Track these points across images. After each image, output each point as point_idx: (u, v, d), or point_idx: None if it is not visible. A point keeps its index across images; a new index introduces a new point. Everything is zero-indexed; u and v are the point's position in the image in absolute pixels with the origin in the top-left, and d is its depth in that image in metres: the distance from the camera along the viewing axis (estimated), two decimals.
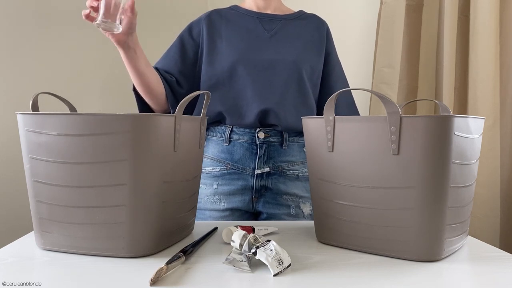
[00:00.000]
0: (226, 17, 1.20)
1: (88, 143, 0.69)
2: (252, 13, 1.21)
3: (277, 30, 1.18)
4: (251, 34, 1.17)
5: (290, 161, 1.15)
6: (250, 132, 1.13)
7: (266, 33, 1.17)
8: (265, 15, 1.21)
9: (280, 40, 1.17)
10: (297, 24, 1.21)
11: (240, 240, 0.69)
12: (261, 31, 1.17)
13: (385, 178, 0.72)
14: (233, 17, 1.20)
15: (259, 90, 1.11)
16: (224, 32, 1.17)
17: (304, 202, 1.15)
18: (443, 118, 0.68)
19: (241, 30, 1.17)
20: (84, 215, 0.71)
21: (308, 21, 1.23)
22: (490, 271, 0.67)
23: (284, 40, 1.17)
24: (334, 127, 0.77)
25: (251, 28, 1.18)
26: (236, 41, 1.15)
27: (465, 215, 0.78)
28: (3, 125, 1.48)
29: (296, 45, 1.17)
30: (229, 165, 1.14)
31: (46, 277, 0.63)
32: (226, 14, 1.21)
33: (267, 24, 1.19)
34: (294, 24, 1.21)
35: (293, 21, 1.21)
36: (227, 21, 1.19)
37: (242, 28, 1.17)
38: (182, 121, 0.77)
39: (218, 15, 1.20)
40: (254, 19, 1.19)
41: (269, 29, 1.18)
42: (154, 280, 0.60)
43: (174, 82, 1.17)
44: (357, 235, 0.76)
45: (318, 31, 1.22)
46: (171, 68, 1.18)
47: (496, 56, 1.46)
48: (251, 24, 1.18)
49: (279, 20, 1.20)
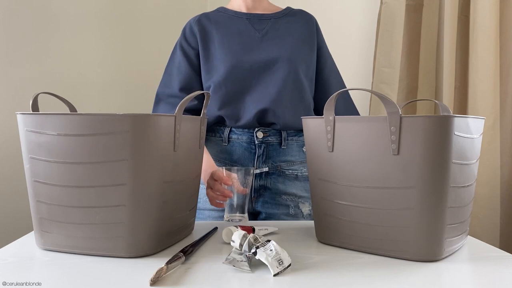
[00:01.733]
0: (216, 20, 1.19)
1: (88, 143, 0.69)
2: (241, 14, 1.21)
3: (268, 29, 1.18)
4: (243, 35, 1.16)
5: (289, 160, 1.15)
6: (248, 132, 1.13)
7: (257, 33, 1.17)
8: (254, 15, 1.20)
9: (272, 39, 1.17)
10: (287, 21, 1.21)
11: (240, 240, 0.69)
12: (252, 31, 1.17)
13: (385, 178, 0.72)
14: (222, 20, 1.20)
15: (255, 90, 1.12)
16: (216, 36, 1.17)
17: (303, 202, 1.15)
18: (443, 118, 0.68)
19: (232, 32, 1.17)
20: (84, 215, 0.71)
21: (296, 17, 1.23)
22: (490, 271, 0.67)
23: (275, 38, 1.17)
24: (334, 127, 0.77)
25: (242, 30, 1.17)
26: (228, 44, 1.15)
27: (465, 215, 0.78)
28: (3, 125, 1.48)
29: (288, 42, 1.17)
30: (228, 165, 1.14)
31: (46, 277, 0.63)
32: (215, 17, 1.21)
33: (256, 24, 1.19)
34: (284, 22, 1.21)
35: (282, 18, 1.21)
36: (217, 24, 1.18)
37: (233, 30, 1.17)
38: (182, 121, 0.77)
39: (207, 20, 1.20)
40: (244, 20, 1.19)
41: (259, 29, 1.18)
42: (154, 280, 0.60)
43: (196, 105, 1.17)
44: (357, 235, 0.76)
45: (307, 26, 1.22)
46: (192, 84, 1.17)
47: (496, 56, 1.46)
48: (241, 26, 1.18)
49: (268, 19, 1.20)
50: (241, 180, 0.91)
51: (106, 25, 1.78)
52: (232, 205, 0.92)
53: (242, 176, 0.91)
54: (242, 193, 0.96)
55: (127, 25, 1.84)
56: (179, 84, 1.17)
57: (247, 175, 0.91)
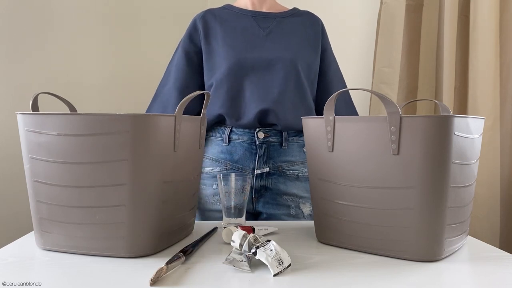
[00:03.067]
0: (221, 17, 1.19)
1: (88, 143, 0.69)
2: (247, 11, 1.20)
3: (273, 28, 1.18)
4: (247, 33, 1.16)
5: (290, 161, 1.15)
6: (249, 132, 1.13)
7: (261, 31, 1.17)
8: (260, 13, 1.20)
9: (276, 38, 1.16)
10: (292, 22, 1.21)
11: (240, 240, 0.69)
12: (257, 29, 1.17)
13: (385, 178, 0.72)
14: (227, 17, 1.19)
15: (257, 90, 1.11)
16: (220, 33, 1.16)
17: (304, 202, 1.15)
18: (443, 118, 0.68)
19: (236, 29, 1.17)
20: (84, 215, 0.71)
21: (302, 18, 1.23)
22: (490, 271, 0.67)
23: (280, 38, 1.17)
24: (334, 127, 0.77)
25: (247, 27, 1.17)
26: (232, 41, 1.15)
27: (465, 215, 0.78)
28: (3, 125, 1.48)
29: (292, 42, 1.17)
30: (228, 165, 1.14)
31: (46, 277, 0.63)
32: (220, 14, 1.20)
33: (262, 22, 1.18)
34: (289, 22, 1.20)
35: (287, 18, 1.21)
36: (221, 21, 1.18)
37: (238, 28, 1.17)
38: (182, 121, 0.77)
39: (212, 16, 1.20)
40: (249, 18, 1.19)
41: (264, 27, 1.17)
42: (154, 280, 0.60)
43: (193, 106, 1.16)
44: (357, 235, 0.76)
45: (313, 28, 1.22)
46: (188, 83, 1.18)
47: (496, 56, 1.46)
48: (246, 23, 1.18)
49: (274, 18, 1.20)
50: (239, 188, 0.91)
51: (106, 25, 1.78)
52: (230, 209, 0.91)
53: (240, 183, 0.90)
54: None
55: (127, 25, 1.84)
56: (174, 82, 1.17)
57: (245, 183, 0.91)
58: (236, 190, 0.90)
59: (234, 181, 0.90)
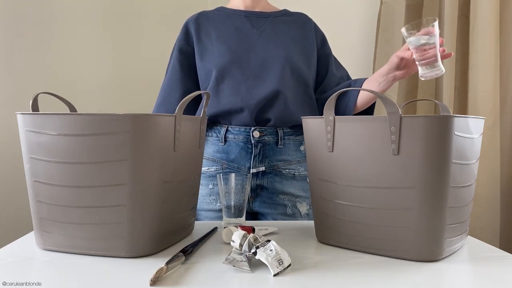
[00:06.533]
0: (214, 18, 1.20)
1: (88, 143, 0.69)
2: (240, 12, 1.21)
3: (266, 27, 1.19)
4: (241, 32, 1.17)
5: (285, 160, 1.15)
6: (245, 131, 1.13)
7: (255, 30, 1.17)
8: (253, 13, 1.21)
9: (270, 36, 1.17)
10: (284, 21, 1.22)
11: (240, 240, 0.69)
12: (250, 29, 1.18)
13: (385, 178, 0.72)
14: (220, 18, 1.20)
15: (253, 88, 1.11)
16: (213, 33, 1.17)
17: (301, 201, 1.15)
18: (443, 118, 0.68)
19: (230, 30, 1.17)
20: (84, 215, 0.71)
21: (294, 18, 1.24)
22: (490, 271, 0.67)
23: (274, 36, 1.17)
24: (334, 127, 0.77)
25: (240, 27, 1.18)
26: (226, 41, 1.15)
27: (465, 215, 0.78)
28: (3, 125, 1.48)
29: (286, 40, 1.17)
30: (224, 164, 1.14)
31: (46, 277, 0.63)
32: (213, 15, 1.21)
33: (255, 22, 1.19)
34: (282, 21, 1.22)
35: (280, 18, 1.22)
36: (215, 22, 1.19)
37: (231, 28, 1.18)
38: (182, 121, 0.77)
39: (205, 18, 1.20)
40: (242, 18, 1.20)
41: (257, 27, 1.18)
42: (154, 280, 0.60)
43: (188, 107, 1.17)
44: (357, 235, 0.76)
45: (305, 26, 1.23)
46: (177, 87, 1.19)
47: (496, 56, 1.46)
48: (240, 23, 1.19)
49: (267, 17, 1.21)
50: (239, 188, 0.91)
51: (106, 25, 1.78)
52: (230, 209, 0.91)
53: (240, 183, 0.91)
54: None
55: (127, 25, 1.84)
56: (166, 86, 1.20)
57: (245, 182, 0.91)
58: (236, 189, 0.90)
59: (234, 180, 0.91)
